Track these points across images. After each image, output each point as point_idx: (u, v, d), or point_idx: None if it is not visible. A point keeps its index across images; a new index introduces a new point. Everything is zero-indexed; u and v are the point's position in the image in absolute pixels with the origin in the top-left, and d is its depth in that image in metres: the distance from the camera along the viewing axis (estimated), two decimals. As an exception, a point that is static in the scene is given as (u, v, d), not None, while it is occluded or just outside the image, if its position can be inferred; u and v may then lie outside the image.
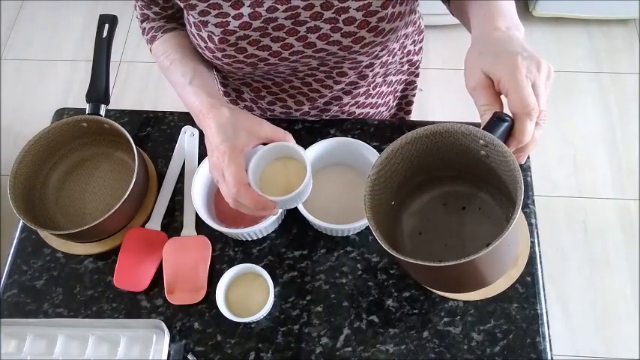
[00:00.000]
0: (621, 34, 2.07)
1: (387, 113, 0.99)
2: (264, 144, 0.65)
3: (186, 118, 0.88)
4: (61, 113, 0.90)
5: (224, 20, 0.66)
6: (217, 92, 0.70)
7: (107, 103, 0.83)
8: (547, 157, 1.84)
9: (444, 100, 1.93)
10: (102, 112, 0.82)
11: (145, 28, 0.79)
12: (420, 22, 0.89)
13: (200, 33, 0.69)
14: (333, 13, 0.65)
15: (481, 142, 0.52)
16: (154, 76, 2.06)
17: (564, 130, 1.90)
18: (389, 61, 0.83)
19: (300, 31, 0.67)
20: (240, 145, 0.61)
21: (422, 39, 0.91)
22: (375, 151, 0.75)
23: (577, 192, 1.78)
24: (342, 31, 0.66)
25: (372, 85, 0.85)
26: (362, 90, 0.84)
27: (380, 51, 0.73)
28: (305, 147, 0.76)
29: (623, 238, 1.70)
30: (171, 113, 0.90)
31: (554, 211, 1.75)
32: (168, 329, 0.70)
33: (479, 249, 0.47)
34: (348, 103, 0.86)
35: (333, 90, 0.81)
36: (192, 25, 0.69)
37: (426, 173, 0.61)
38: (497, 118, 0.50)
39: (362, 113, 0.91)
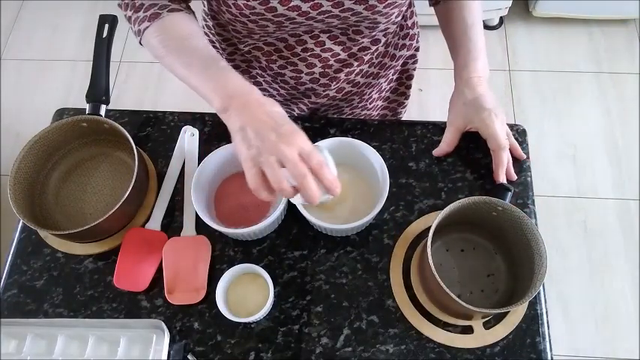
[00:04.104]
0: (621, 34, 2.07)
1: (387, 86, 1.01)
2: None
3: (186, 118, 0.88)
4: (61, 113, 0.90)
5: None
6: None
7: (107, 103, 0.83)
8: (547, 158, 1.84)
9: (444, 100, 1.92)
10: (102, 112, 0.82)
11: (137, 17, 0.71)
12: None
13: None
14: None
15: (499, 208, 0.69)
16: (154, 76, 2.06)
17: (564, 130, 1.90)
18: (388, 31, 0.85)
19: None
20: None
21: (412, 14, 0.94)
22: (374, 151, 0.75)
23: (577, 192, 1.78)
24: None
25: (375, 54, 0.87)
26: (367, 57, 0.86)
27: (396, 17, 0.77)
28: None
29: (623, 238, 1.70)
30: (172, 113, 0.90)
31: (554, 211, 1.75)
32: (168, 329, 0.70)
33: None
34: (354, 71, 0.87)
35: (345, 46, 0.82)
36: None
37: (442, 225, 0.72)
38: (505, 189, 0.74)
39: (365, 83, 0.93)
